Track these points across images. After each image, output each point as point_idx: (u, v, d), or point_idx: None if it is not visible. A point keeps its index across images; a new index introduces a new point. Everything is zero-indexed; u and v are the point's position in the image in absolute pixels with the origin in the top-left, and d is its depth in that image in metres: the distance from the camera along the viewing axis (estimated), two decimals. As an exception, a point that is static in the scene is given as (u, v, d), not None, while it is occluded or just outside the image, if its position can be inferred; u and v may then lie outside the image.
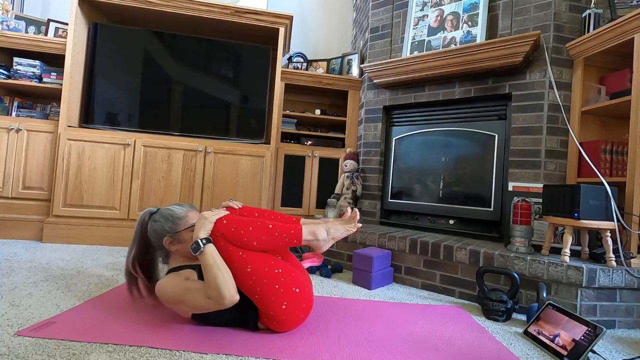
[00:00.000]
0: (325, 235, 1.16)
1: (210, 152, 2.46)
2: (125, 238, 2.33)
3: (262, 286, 1.06)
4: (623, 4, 1.75)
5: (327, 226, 1.17)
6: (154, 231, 1.20)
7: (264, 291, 1.06)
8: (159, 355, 0.95)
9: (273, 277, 1.07)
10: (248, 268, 1.06)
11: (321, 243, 1.15)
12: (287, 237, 1.11)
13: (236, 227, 1.08)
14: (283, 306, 1.07)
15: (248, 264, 1.06)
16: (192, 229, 1.16)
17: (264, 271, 1.06)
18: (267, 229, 1.10)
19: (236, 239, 1.07)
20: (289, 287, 1.09)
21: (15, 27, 2.52)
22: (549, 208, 1.58)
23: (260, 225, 1.10)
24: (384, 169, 2.53)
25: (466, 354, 1.09)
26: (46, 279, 1.54)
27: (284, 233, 1.11)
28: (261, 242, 1.08)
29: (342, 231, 1.18)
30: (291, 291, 1.09)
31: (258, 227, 1.09)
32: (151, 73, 2.53)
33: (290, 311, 1.09)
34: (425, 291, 1.80)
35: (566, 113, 1.86)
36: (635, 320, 1.44)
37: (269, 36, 2.72)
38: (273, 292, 1.06)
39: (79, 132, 2.34)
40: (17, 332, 1.01)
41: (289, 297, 1.08)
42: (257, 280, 1.05)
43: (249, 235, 1.08)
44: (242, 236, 1.07)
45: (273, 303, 1.06)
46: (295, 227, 1.13)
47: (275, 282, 1.07)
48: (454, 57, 2.04)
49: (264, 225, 1.11)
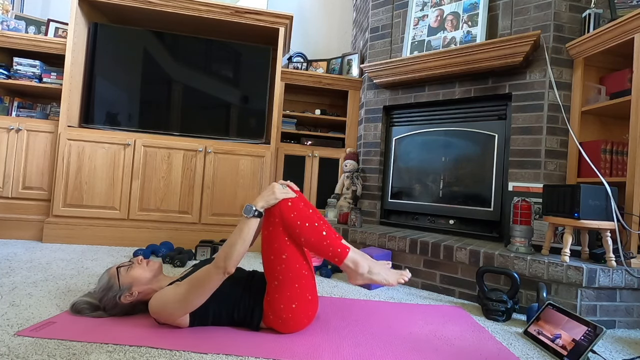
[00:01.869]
0: (365, 272, 1.09)
1: (210, 152, 2.46)
2: (125, 238, 2.33)
3: (285, 277, 1.07)
4: (623, 4, 1.75)
5: (371, 264, 1.11)
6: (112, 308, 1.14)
7: (285, 282, 1.08)
8: (159, 355, 0.95)
9: (298, 275, 1.09)
10: (284, 255, 1.07)
11: (357, 276, 1.11)
12: (332, 252, 1.09)
13: (296, 214, 1.08)
14: (293, 305, 1.08)
15: (286, 252, 1.07)
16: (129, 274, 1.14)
17: (294, 266, 1.08)
18: (320, 234, 1.09)
19: (290, 225, 1.07)
20: (305, 291, 1.10)
21: (15, 27, 2.52)
22: (549, 208, 1.58)
23: (316, 227, 1.09)
24: (384, 169, 2.53)
25: (466, 354, 1.09)
26: (46, 279, 1.54)
27: (332, 247, 1.08)
28: (308, 242, 1.08)
29: (382, 278, 1.10)
30: (305, 295, 1.11)
31: (314, 227, 1.09)
32: (151, 73, 2.53)
33: (297, 313, 1.10)
34: (425, 291, 1.80)
35: (566, 113, 1.86)
36: (635, 320, 1.44)
37: (269, 36, 2.72)
38: (291, 288, 1.08)
39: (79, 132, 2.34)
40: (17, 332, 1.01)
41: (301, 300, 1.10)
42: (284, 269, 1.07)
43: (303, 229, 1.08)
44: (297, 227, 1.07)
45: (287, 298, 1.08)
46: (343, 247, 1.10)
47: (298, 280, 1.09)
48: (454, 57, 2.04)
49: (320, 229, 1.09)
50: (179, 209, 2.41)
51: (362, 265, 1.09)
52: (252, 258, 2.26)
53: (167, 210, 2.39)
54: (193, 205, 2.42)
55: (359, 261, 1.10)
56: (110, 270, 1.18)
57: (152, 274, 1.19)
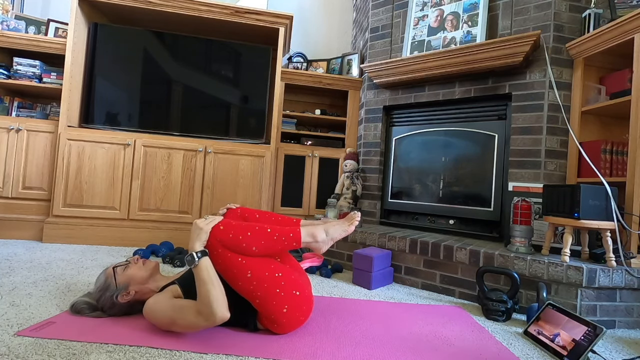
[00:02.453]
0: (324, 237, 1.16)
1: (210, 152, 2.46)
2: (125, 238, 2.33)
3: (262, 291, 1.05)
4: (623, 4, 1.75)
5: (325, 227, 1.17)
6: (109, 307, 1.15)
7: (265, 295, 1.05)
8: (159, 355, 0.95)
9: (273, 281, 1.06)
10: (248, 273, 1.04)
11: (320, 244, 1.15)
12: (286, 240, 1.10)
13: (234, 233, 1.05)
14: (284, 309, 1.07)
15: (248, 270, 1.04)
16: (126, 274, 1.14)
17: (264, 275, 1.05)
18: (266, 233, 1.08)
19: (234, 245, 1.05)
20: (290, 290, 1.08)
21: (15, 27, 2.52)
22: (549, 208, 1.58)
23: (258, 230, 1.08)
24: (384, 169, 2.53)
25: (466, 354, 1.09)
26: (46, 279, 1.54)
27: (283, 236, 1.10)
28: (260, 247, 1.07)
29: (341, 231, 1.18)
30: (292, 294, 1.09)
31: (256, 231, 1.08)
32: (151, 73, 2.53)
33: (291, 314, 1.09)
34: (425, 291, 1.80)
35: (566, 113, 1.86)
36: (635, 320, 1.44)
37: (269, 36, 2.72)
38: (274, 296, 1.06)
39: (79, 132, 2.34)
40: (17, 332, 1.01)
41: (290, 300, 1.08)
42: (257, 285, 1.04)
43: (248, 240, 1.06)
44: (241, 242, 1.05)
45: (274, 307, 1.06)
46: (294, 230, 1.12)
47: (276, 285, 1.06)
48: (454, 57, 2.04)
49: (262, 229, 1.09)
50: (179, 209, 2.41)
51: (319, 234, 1.14)
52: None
53: (167, 210, 2.39)
54: (193, 205, 2.42)
55: (314, 231, 1.14)
56: (106, 270, 1.18)
57: (148, 273, 1.19)
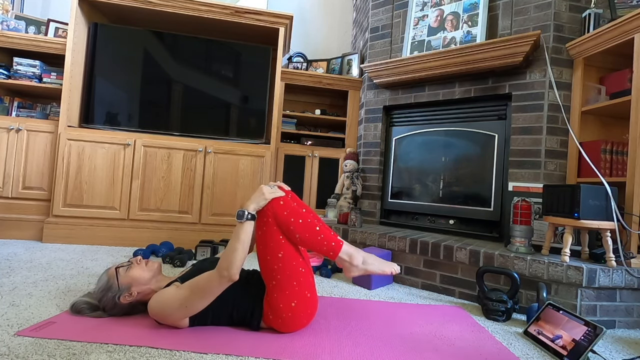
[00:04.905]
0: (360, 263, 1.11)
1: (210, 152, 2.46)
2: (125, 238, 2.33)
3: (283, 276, 1.08)
4: (623, 4, 1.75)
5: (365, 256, 1.13)
6: (111, 308, 1.15)
7: (283, 281, 1.08)
8: (159, 355, 0.95)
9: (296, 273, 1.09)
10: (280, 253, 1.08)
11: (353, 268, 1.12)
12: (326, 246, 1.10)
13: (288, 212, 1.09)
14: (293, 304, 1.08)
15: (282, 250, 1.08)
16: (128, 274, 1.14)
17: (291, 264, 1.09)
18: (314, 230, 1.10)
19: (284, 223, 1.08)
20: (304, 288, 1.11)
21: (15, 27, 2.52)
22: (549, 208, 1.58)
23: (309, 223, 1.10)
24: (384, 169, 2.53)
25: (466, 354, 1.09)
26: (46, 279, 1.54)
27: (325, 241, 1.10)
28: (303, 238, 1.09)
29: (377, 267, 1.13)
30: (304, 293, 1.11)
31: (307, 223, 1.10)
32: (151, 73, 2.53)
33: (297, 311, 1.10)
34: (425, 291, 1.80)
35: (566, 113, 1.86)
36: (635, 320, 1.44)
37: (269, 36, 2.72)
38: (289, 287, 1.08)
39: (79, 132, 2.34)
40: (17, 332, 1.01)
41: (300, 298, 1.10)
42: (281, 268, 1.08)
43: (296, 226, 1.08)
44: (290, 224, 1.08)
45: (286, 297, 1.08)
46: (338, 242, 1.11)
47: (296, 278, 1.09)
48: (454, 57, 2.04)
49: (313, 224, 1.10)
50: (179, 209, 2.41)
51: (356, 257, 1.11)
52: (251, 258, 2.26)
53: (167, 210, 2.39)
54: (193, 205, 2.42)
55: (353, 253, 1.12)
56: (109, 270, 1.18)
57: (151, 274, 1.19)
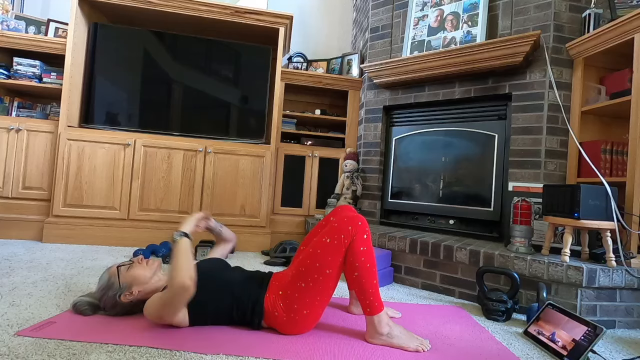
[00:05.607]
0: (385, 333, 1.10)
1: (210, 152, 2.46)
2: (125, 238, 2.33)
3: (315, 287, 1.09)
4: (623, 4, 1.75)
5: (392, 327, 1.12)
6: (112, 307, 1.15)
7: (311, 290, 1.09)
8: (159, 355, 0.95)
9: (325, 293, 1.11)
10: (328, 270, 1.09)
11: (376, 334, 1.11)
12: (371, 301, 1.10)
13: (365, 249, 1.11)
14: (305, 311, 1.10)
15: (333, 269, 1.09)
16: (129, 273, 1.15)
17: (328, 284, 1.11)
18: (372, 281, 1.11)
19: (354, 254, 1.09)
20: (322, 306, 1.13)
21: (15, 27, 2.52)
22: (549, 208, 1.58)
23: (373, 272, 1.11)
24: (384, 169, 2.53)
25: (466, 354, 1.09)
26: (46, 279, 1.54)
27: (373, 296, 1.10)
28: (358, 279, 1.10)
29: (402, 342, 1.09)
30: (318, 310, 1.13)
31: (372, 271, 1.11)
32: (151, 73, 2.53)
33: (305, 319, 1.11)
34: (425, 291, 1.79)
35: (566, 113, 1.86)
36: (635, 320, 1.44)
37: (269, 36, 2.72)
38: (312, 298, 1.10)
39: (79, 132, 2.34)
40: (17, 332, 1.01)
41: (313, 311, 1.12)
42: (319, 281, 1.09)
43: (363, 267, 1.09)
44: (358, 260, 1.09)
45: (304, 302, 1.09)
46: (381, 304, 1.11)
47: (321, 296, 1.11)
48: (454, 57, 2.04)
49: (374, 275, 1.12)
50: (179, 209, 2.41)
51: (383, 326, 1.11)
52: (250, 258, 2.26)
53: (167, 210, 2.39)
54: (193, 205, 2.42)
55: (383, 322, 1.11)
56: (110, 269, 1.18)
57: (152, 273, 1.19)
